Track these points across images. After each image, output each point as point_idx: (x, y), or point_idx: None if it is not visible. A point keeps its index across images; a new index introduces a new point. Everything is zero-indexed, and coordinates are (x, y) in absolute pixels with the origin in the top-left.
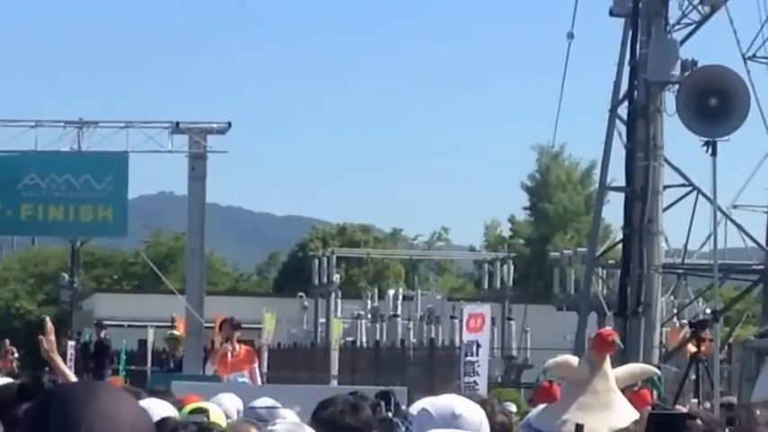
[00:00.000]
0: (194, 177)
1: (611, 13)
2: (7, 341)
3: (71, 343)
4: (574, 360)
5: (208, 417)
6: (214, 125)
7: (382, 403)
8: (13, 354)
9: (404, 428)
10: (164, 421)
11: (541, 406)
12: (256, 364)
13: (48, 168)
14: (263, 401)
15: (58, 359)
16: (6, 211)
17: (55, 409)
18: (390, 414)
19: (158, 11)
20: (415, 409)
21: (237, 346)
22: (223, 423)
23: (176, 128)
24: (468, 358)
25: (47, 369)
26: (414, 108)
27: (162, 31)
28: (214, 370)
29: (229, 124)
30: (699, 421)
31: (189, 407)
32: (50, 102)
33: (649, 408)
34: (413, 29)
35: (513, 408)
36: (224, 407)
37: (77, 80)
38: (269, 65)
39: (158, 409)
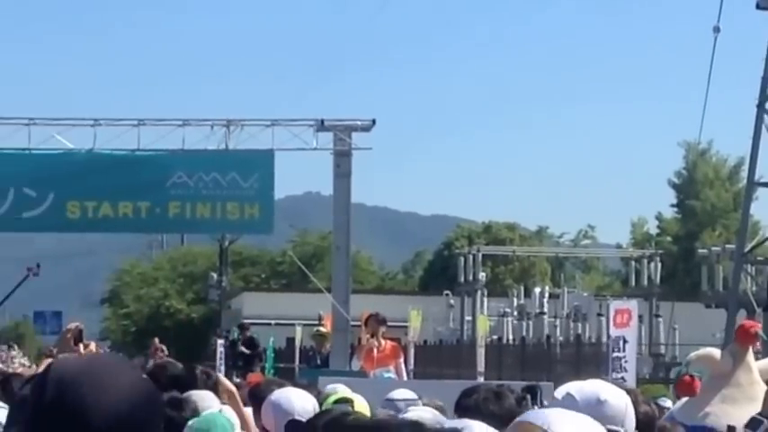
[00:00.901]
0: (339, 174)
1: (758, 7)
2: (156, 339)
3: (220, 341)
4: (716, 353)
5: (352, 406)
6: (359, 122)
7: (528, 397)
8: (162, 351)
9: None
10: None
11: (684, 399)
12: (402, 360)
13: (195, 167)
14: (401, 393)
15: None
16: (155, 209)
17: (54, 382)
18: (537, 408)
19: (302, 12)
20: (559, 393)
21: (383, 342)
22: (367, 413)
23: (321, 125)
24: (616, 354)
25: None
26: (560, 105)
27: (307, 32)
28: (360, 365)
29: (374, 121)
30: None
31: (334, 397)
32: (198, 101)
33: None
34: (556, 23)
35: (669, 403)
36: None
37: (225, 80)
38: (414, 62)
39: (300, 400)
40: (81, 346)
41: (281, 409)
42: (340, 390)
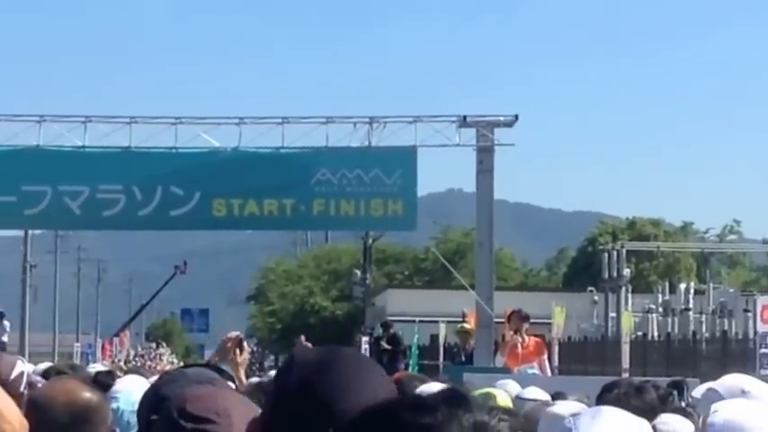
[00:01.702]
0: (482, 170)
1: None
2: (303, 337)
3: (364, 338)
4: None
5: (495, 401)
6: (501, 118)
7: (675, 393)
8: None
9: (697, 417)
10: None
11: None
12: (546, 356)
13: (339, 164)
14: (533, 392)
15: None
16: (300, 207)
17: (297, 373)
18: (684, 404)
19: (446, 11)
20: (699, 391)
21: (527, 338)
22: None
23: (464, 121)
24: (764, 350)
25: None
26: (697, 101)
27: (447, 30)
28: (504, 362)
29: (516, 117)
30: None
31: (476, 392)
32: (341, 99)
33: None
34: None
35: None
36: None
37: (368, 78)
38: (554, 57)
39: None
40: (238, 352)
41: None
42: (509, 386)
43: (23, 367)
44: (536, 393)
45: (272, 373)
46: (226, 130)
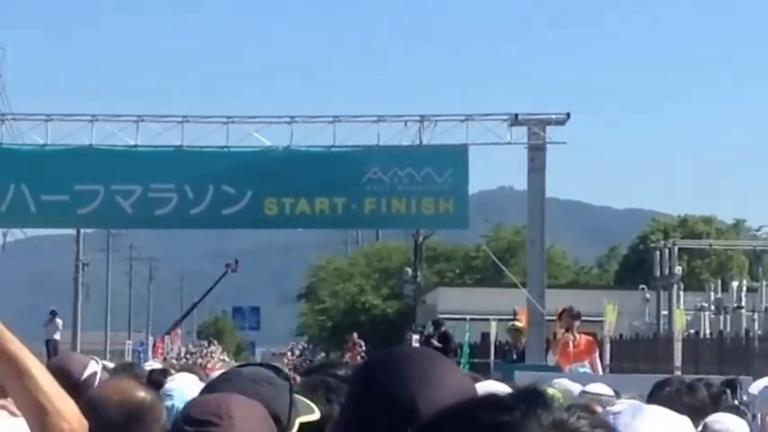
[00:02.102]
0: (533, 169)
1: None
2: (355, 334)
3: (415, 336)
4: None
5: None
6: (553, 116)
7: (728, 391)
8: (360, 347)
9: (751, 416)
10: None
11: None
12: (597, 354)
13: (390, 162)
14: (598, 388)
15: None
16: (351, 205)
17: (378, 373)
18: (737, 402)
19: (491, 9)
20: (756, 388)
21: (578, 336)
22: None
23: (515, 120)
24: None
25: None
26: (756, 93)
27: (498, 28)
28: (555, 360)
29: (568, 115)
30: None
31: None
32: (392, 98)
33: None
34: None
35: None
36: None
37: (418, 76)
38: (604, 55)
39: (490, 388)
40: None
41: None
42: (565, 384)
43: (96, 367)
44: (601, 389)
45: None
46: (277, 129)
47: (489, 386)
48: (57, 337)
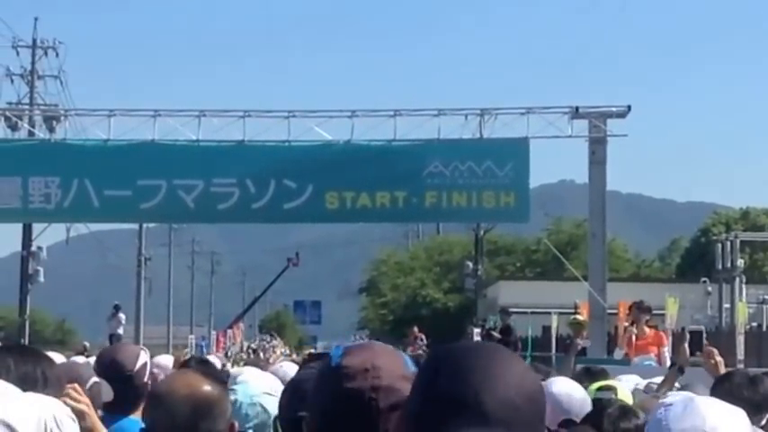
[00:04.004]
0: (594, 162)
1: None
2: (416, 328)
3: (476, 330)
4: None
5: (615, 394)
6: (613, 109)
7: None
8: (422, 340)
9: None
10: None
11: None
12: (665, 348)
13: (451, 156)
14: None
15: None
16: (412, 199)
17: (443, 369)
18: None
19: (552, 2)
20: None
21: (646, 330)
22: (630, 400)
23: (576, 113)
24: None
25: None
26: None
27: (559, 20)
28: (624, 354)
29: (629, 108)
30: None
31: (596, 384)
32: (452, 91)
33: None
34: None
35: None
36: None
37: (479, 70)
38: (668, 47)
39: (563, 386)
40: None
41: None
42: (631, 379)
43: (146, 358)
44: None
45: None
46: (338, 123)
47: (562, 384)
48: (120, 331)
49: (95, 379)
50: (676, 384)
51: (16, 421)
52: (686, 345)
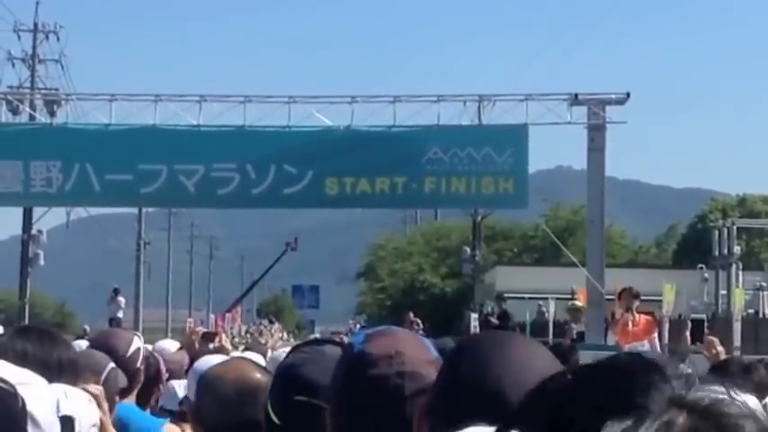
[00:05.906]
0: (593, 148)
1: None
2: (411, 313)
3: (474, 315)
4: None
5: None
6: (612, 96)
7: None
8: (418, 325)
9: None
10: None
11: None
12: (656, 335)
13: (450, 142)
14: None
15: None
16: (411, 185)
17: (467, 358)
18: None
19: None
20: None
21: (638, 316)
22: None
23: (575, 99)
24: None
25: None
26: None
27: (557, 6)
28: (615, 340)
29: (628, 95)
30: None
31: None
32: (451, 77)
33: None
34: None
35: None
36: None
37: (478, 56)
38: (667, 33)
39: None
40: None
41: None
42: None
43: (139, 343)
44: None
45: None
46: (338, 109)
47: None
48: (120, 315)
49: (112, 365)
50: None
51: (33, 407)
52: (687, 333)
